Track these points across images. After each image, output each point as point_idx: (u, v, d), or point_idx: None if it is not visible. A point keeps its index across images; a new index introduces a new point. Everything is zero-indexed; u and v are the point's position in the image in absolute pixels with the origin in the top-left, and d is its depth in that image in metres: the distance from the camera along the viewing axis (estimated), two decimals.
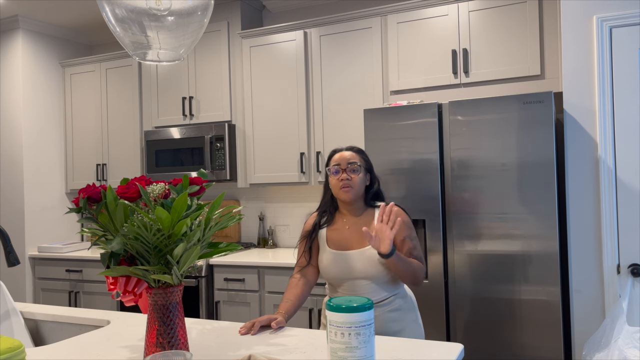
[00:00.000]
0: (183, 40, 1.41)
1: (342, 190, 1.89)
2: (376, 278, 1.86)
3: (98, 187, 1.27)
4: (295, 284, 1.94)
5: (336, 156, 1.94)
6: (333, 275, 1.91)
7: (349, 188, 1.88)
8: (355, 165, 1.90)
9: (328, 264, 1.91)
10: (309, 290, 1.95)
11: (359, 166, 1.91)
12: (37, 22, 4.26)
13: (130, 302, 1.34)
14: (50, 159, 4.39)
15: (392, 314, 1.87)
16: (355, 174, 1.90)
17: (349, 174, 1.89)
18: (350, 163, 1.90)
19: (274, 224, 3.97)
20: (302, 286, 1.93)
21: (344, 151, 1.95)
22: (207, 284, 3.44)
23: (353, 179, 1.89)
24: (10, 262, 1.69)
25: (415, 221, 2.73)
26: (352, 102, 3.36)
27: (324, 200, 2.02)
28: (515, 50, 2.92)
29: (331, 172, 1.93)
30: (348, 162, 1.90)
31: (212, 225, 1.28)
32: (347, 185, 1.88)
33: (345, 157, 1.92)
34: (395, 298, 1.90)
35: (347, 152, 1.94)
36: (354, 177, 1.89)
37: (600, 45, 2.48)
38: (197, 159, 3.78)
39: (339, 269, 1.89)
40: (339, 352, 1.16)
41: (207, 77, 3.85)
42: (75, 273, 3.96)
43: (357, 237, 1.90)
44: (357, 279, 1.87)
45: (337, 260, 1.90)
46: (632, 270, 2.41)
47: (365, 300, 1.19)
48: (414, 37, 3.17)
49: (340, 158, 1.92)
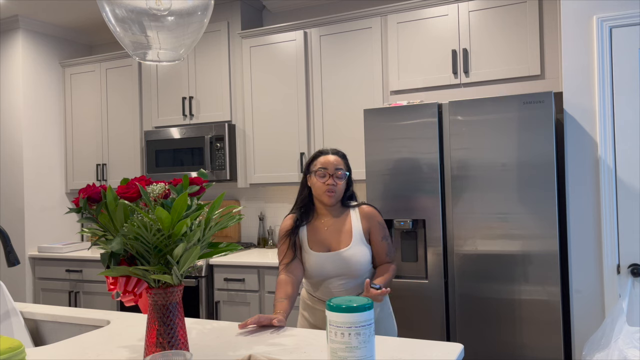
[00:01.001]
0: (183, 40, 1.41)
1: (327, 194, 1.97)
2: (354, 277, 1.96)
3: (98, 187, 1.27)
4: (285, 282, 1.94)
5: (322, 159, 2.00)
6: (316, 276, 1.98)
7: (333, 193, 1.97)
8: (341, 172, 1.98)
9: (311, 265, 1.97)
10: (298, 288, 1.97)
11: (344, 174, 2.00)
12: (37, 22, 4.26)
13: (130, 302, 1.34)
14: (50, 159, 4.39)
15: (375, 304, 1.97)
16: (341, 180, 1.98)
17: (335, 180, 1.97)
18: (337, 169, 1.97)
19: (274, 224, 3.97)
20: (291, 283, 1.94)
21: (330, 155, 2.01)
22: (207, 284, 3.44)
23: (338, 185, 1.97)
24: (10, 262, 1.69)
25: (416, 221, 2.73)
26: (352, 102, 3.36)
27: (301, 197, 2.07)
28: (515, 50, 2.92)
29: (317, 175, 1.98)
30: (335, 168, 1.97)
31: (212, 225, 1.28)
32: (332, 190, 1.96)
33: (331, 162, 1.98)
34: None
35: (332, 157, 2.01)
36: (339, 183, 1.97)
37: (600, 45, 2.48)
38: (197, 159, 3.78)
39: (321, 270, 1.97)
40: (339, 352, 1.16)
41: (207, 77, 3.85)
42: (75, 273, 3.96)
43: (336, 237, 1.99)
44: (336, 278, 1.97)
45: (319, 261, 1.97)
46: (632, 270, 2.41)
47: (365, 300, 1.19)
48: (414, 37, 3.17)
49: (327, 162, 1.98)
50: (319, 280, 1.99)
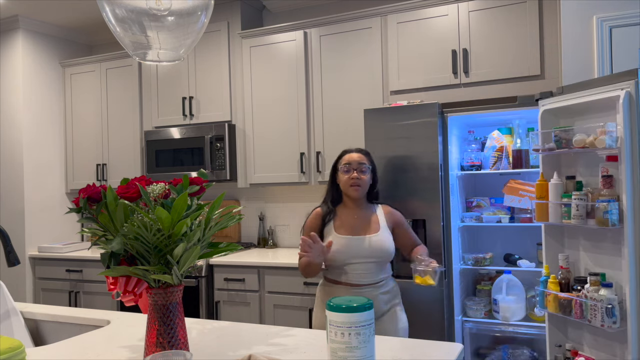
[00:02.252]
0: (183, 40, 1.41)
1: (352, 187, 2.14)
2: (380, 260, 2.12)
3: (98, 187, 1.27)
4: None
5: (346, 157, 2.20)
6: (343, 258, 2.10)
7: (358, 187, 2.14)
8: (365, 166, 2.16)
9: (339, 247, 2.09)
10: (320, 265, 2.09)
11: (368, 167, 2.17)
12: (37, 22, 4.26)
13: (130, 302, 1.34)
14: (50, 159, 4.39)
15: (384, 295, 2.13)
16: (364, 174, 2.16)
17: (359, 174, 2.14)
18: (360, 164, 2.15)
19: (274, 224, 3.97)
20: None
21: (354, 153, 2.20)
22: (207, 284, 3.44)
23: (362, 179, 2.15)
24: (10, 262, 1.69)
25: (416, 221, 2.73)
26: (352, 102, 3.36)
27: (330, 194, 2.24)
28: (515, 50, 2.92)
29: (342, 170, 2.17)
30: (358, 163, 2.15)
31: (212, 225, 1.28)
32: (356, 183, 2.13)
33: (355, 158, 2.17)
34: (387, 281, 2.17)
35: (356, 154, 2.19)
36: (363, 177, 2.15)
37: (600, 45, 2.48)
38: (197, 159, 3.78)
39: (350, 251, 2.10)
40: (339, 352, 1.16)
41: (207, 77, 3.85)
42: (75, 273, 3.96)
43: (366, 225, 2.16)
44: (364, 261, 2.09)
45: (349, 243, 2.11)
46: None
47: (365, 300, 1.19)
48: (414, 37, 3.17)
49: (351, 159, 2.17)
50: (345, 262, 2.10)
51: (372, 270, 2.11)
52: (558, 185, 2.23)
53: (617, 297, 2.01)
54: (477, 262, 2.92)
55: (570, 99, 2.26)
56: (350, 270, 2.11)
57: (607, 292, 2.01)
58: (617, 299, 2.00)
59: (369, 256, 2.11)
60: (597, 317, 2.01)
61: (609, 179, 2.07)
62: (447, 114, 2.81)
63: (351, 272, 2.11)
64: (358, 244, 2.11)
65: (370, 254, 2.11)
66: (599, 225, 2.03)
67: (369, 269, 2.11)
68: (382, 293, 2.12)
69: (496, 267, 2.95)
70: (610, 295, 2.00)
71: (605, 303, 1.99)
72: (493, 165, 2.90)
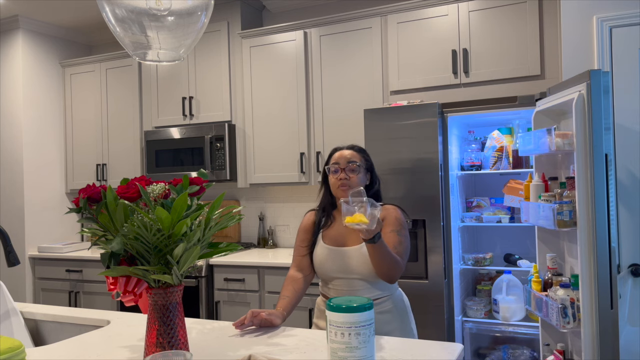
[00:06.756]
0: (183, 40, 1.41)
1: (340, 189, 1.86)
2: (370, 276, 1.82)
3: (98, 187, 1.27)
4: (292, 279, 1.92)
5: (336, 155, 1.92)
6: (327, 271, 1.88)
7: (346, 187, 1.84)
8: (355, 164, 1.87)
9: (322, 259, 1.89)
10: (306, 286, 1.93)
11: (358, 166, 1.88)
12: (37, 22, 4.26)
13: (130, 302, 1.34)
14: (50, 159, 4.39)
15: (382, 315, 1.82)
16: (354, 173, 1.87)
17: (348, 173, 1.86)
18: (350, 162, 1.87)
19: (274, 224, 3.97)
20: (299, 280, 1.92)
21: (345, 150, 1.92)
22: (207, 284, 3.44)
23: (351, 179, 1.86)
24: (10, 262, 1.69)
25: (416, 221, 2.73)
26: (352, 102, 3.36)
27: (321, 195, 2.00)
28: (515, 50, 2.92)
29: (330, 171, 1.90)
30: (348, 162, 1.87)
31: (212, 225, 1.28)
32: (344, 184, 1.85)
33: (345, 156, 1.89)
34: (387, 299, 1.86)
35: (347, 151, 1.91)
36: (352, 176, 1.86)
37: (600, 45, 2.48)
38: (197, 159, 3.78)
39: (333, 265, 1.86)
40: (339, 352, 1.16)
41: (207, 77, 3.85)
42: (75, 273, 3.96)
43: (354, 234, 1.84)
44: (350, 276, 1.84)
45: (331, 255, 1.87)
46: (632, 270, 2.41)
47: (365, 300, 1.19)
48: (414, 37, 3.17)
49: (340, 157, 1.89)
50: (331, 276, 1.88)
51: (359, 288, 1.83)
52: (538, 187, 2.25)
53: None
54: (477, 262, 2.92)
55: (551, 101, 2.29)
56: (334, 287, 1.88)
57: (563, 292, 2.02)
58: (568, 299, 2.02)
59: (351, 272, 1.84)
60: (554, 317, 2.04)
61: (573, 181, 2.08)
62: (447, 114, 2.81)
63: (334, 288, 1.87)
64: (335, 258, 1.86)
65: (351, 270, 1.83)
66: (559, 227, 2.04)
67: (354, 285, 1.84)
68: (379, 312, 1.81)
69: (496, 267, 2.95)
70: (564, 296, 2.01)
71: (559, 302, 2.01)
72: (493, 165, 2.90)
